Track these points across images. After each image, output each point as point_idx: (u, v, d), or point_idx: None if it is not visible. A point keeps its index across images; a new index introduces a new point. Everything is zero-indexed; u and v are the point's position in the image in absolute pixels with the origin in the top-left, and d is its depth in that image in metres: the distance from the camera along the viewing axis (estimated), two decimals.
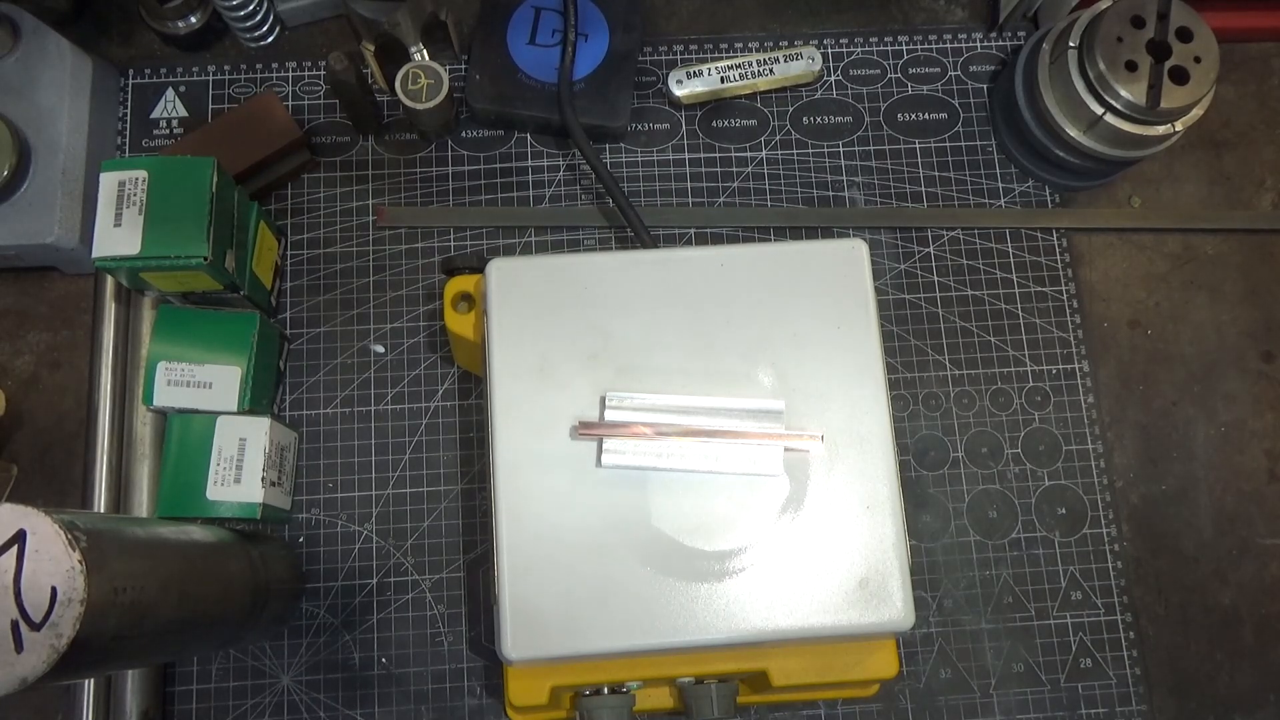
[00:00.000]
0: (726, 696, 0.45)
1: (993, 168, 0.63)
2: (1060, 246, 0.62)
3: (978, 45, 0.65)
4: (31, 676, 0.32)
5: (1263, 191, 0.64)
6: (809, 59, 0.63)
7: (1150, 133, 0.56)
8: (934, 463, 0.58)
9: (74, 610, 0.32)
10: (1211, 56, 0.55)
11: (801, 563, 0.41)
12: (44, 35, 0.56)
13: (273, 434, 0.52)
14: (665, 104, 0.63)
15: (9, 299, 0.59)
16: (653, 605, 0.40)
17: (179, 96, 0.62)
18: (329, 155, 0.62)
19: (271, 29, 0.63)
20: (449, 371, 0.58)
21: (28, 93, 0.56)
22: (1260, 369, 0.61)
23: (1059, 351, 0.60)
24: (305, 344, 0.59)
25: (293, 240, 0.60)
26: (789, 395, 0.43)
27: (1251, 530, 0.58)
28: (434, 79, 0.56)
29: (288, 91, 0.62)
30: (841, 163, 0.63)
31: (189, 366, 0.52)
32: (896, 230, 0.62)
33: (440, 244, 0.60)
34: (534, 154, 0.62)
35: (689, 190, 0.62)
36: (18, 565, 0.32)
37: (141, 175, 0.49)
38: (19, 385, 0.57)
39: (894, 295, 0.61)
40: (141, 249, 0.48)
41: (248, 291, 0.53)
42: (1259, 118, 0.65)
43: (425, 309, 0.59)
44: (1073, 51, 0.57)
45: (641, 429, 0.42)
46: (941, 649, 0.55)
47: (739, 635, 0.40)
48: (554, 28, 0.61)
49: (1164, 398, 0.60)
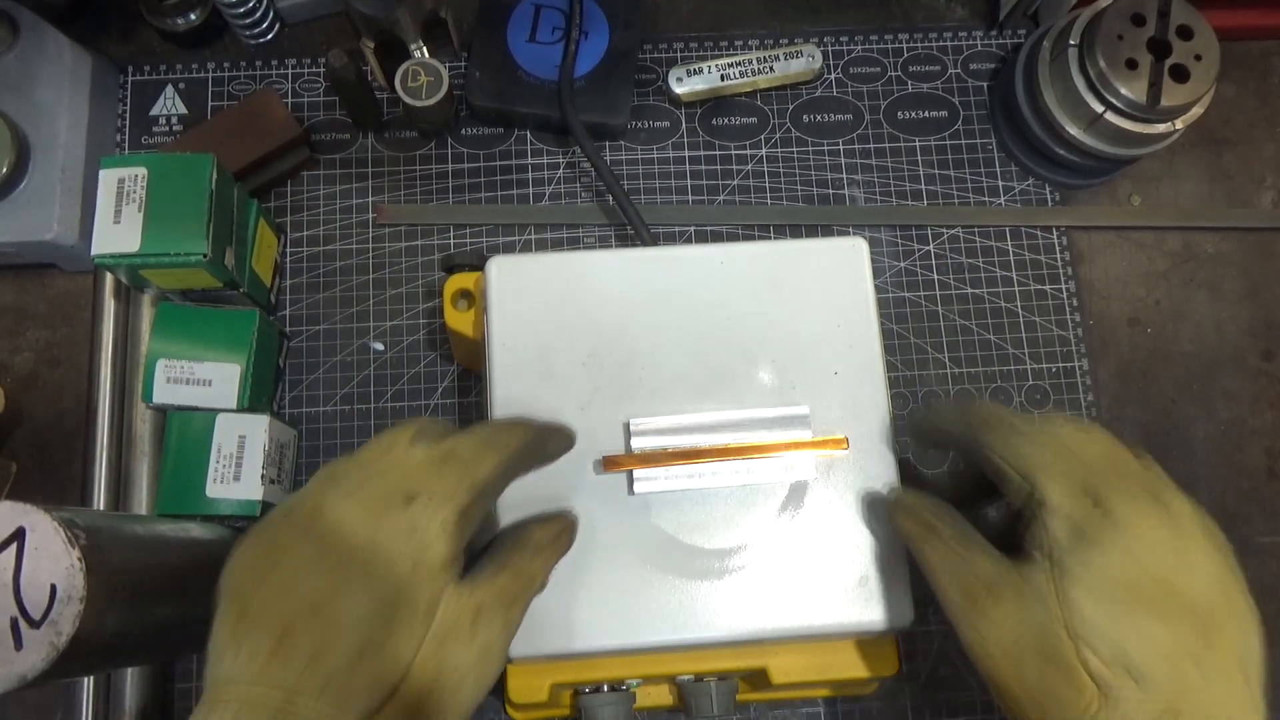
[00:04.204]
0: (726, 694, 0.45)
1: (993, 166, 0.63)
2: (1060, 245, 0.62)
3: (978, 43, 0.65)
4: (31, 674, 0.32)
5: (1263, 190, 0.64)
6: (809, 57, 0.63)
7: (1150, 131, 0.56)
8: (934, 460, 0.58)
9: (73, 608, 0.32)
10: (1212, 54, 0.55)
11: (801, 560, 0.41)
12: (43, 32, 0.56)
13: (272, 431, 0.52)
14: (665, 102, 0.63)
15: (8, 296, 0.59)
16: (652, 603, 0.40)
17: (178, 93, 0.62)
18: (328, 153, 0.61)
19: (271, 26, 0.62)
20: (449, 369, 0.58)
21: (27, 89, 0.56)
22: (1260, 367, 0.61)
23: (1059, 350, 0.60)
24: (305, 341, 0.59)
25: (292, 238, 0.60)
26: (788, 393, 0.43)
27: (1251, 529, 0.58)
28: (434, 76, 0.56)
29: (287, 89, 0.62)
30: (842, 161, 0.63)
31: (188, 364, 0.51)
32: (896, 228, 0.62)
33: (440, 241, 0.60)
34: (534, 151, 0.62)
35: (689, 188, 0.62)
36: (17, 563, 0.32)
37: (141, 172, 0.49)
38: (18, 382, 0.57)
39: (894, 293, 0.61)
40: (141, 246, 0.48)
41: (247, 289, 0.53)
42: (1259, 116, 0.65)
43: (425, 306, 0.59)
44: (1073, 49, 0.57)
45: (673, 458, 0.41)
46: (941, 647, 0.55)
47: (739, 633, 0.40)
48: (554, 25, 0.61)
49: (1164, 396, 0.60)
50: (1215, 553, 0.34)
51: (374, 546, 0.32)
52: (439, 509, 0.33)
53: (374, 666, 0.31)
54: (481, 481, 0.34)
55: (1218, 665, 0.32)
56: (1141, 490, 0.34)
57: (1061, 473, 0.35)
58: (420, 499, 0.33)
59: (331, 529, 0.33)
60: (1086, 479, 0.34)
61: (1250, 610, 0.34)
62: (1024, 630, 0.33)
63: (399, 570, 0.32)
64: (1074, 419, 0.38)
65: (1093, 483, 0.34)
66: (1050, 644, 0.33)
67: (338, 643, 0.31)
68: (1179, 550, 0.33)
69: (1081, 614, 0.32)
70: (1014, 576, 0.34)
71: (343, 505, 0.33)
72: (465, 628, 0.33)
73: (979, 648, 0.35)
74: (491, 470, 0.35)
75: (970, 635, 0.35)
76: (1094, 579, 0.33)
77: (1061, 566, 0.33)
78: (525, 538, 0.37)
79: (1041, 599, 0.33)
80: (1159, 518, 0.34)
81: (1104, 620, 0.32)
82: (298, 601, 0.31)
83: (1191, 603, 0.32)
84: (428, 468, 0.34)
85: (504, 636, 0.35)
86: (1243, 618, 0.33)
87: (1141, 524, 0.33)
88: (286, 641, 0.31)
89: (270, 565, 0.32)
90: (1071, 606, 0.32)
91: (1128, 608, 0.32)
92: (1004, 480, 0.36)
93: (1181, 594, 0.33)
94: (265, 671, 0.30)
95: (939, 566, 0.37)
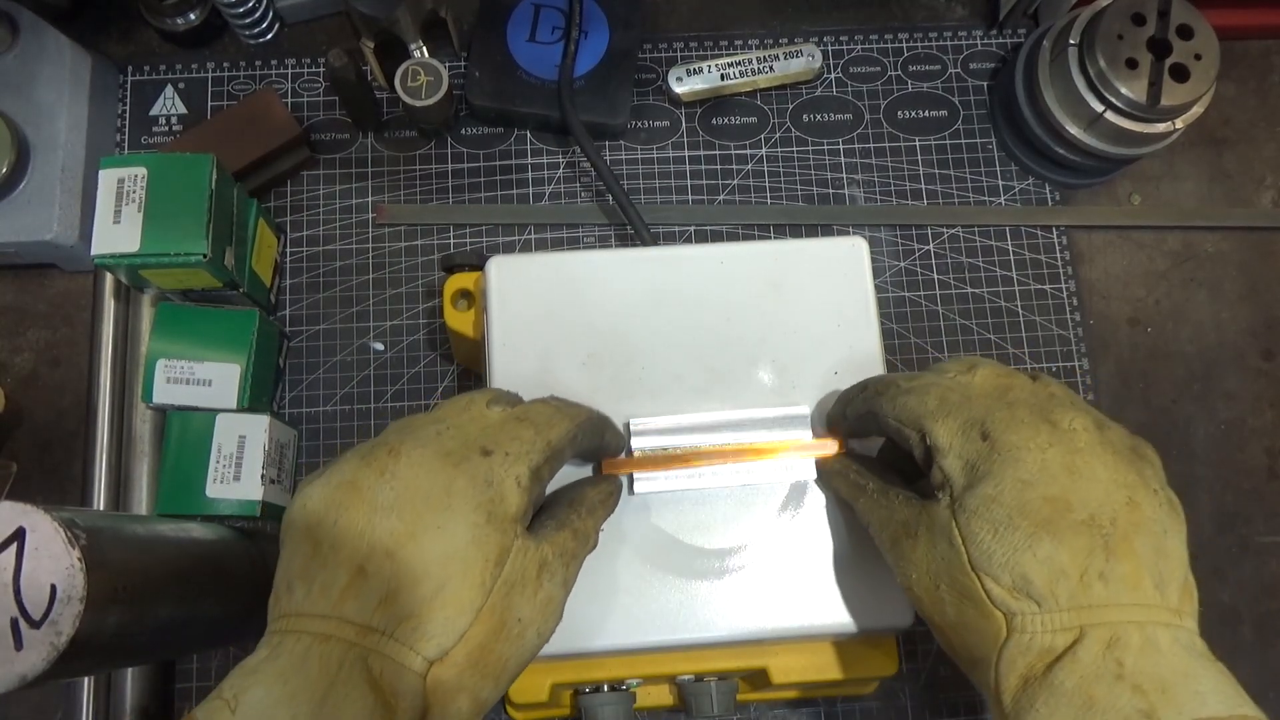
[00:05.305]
0: (726, 694, 0.45)
1: (993, 165, 0.63)
2: (1060, 244, 0.62)
3: (978, 43, 0.65)
4: (31, 674, 0.32)
5: (1263, 189, 0.64)
6: (809, 56, 0.63)
7: (1150, 130, 0.56)
8: None
9: (73, 608, 0.32)
10: (1212, 54, 0.55)
11: (801, 560, 0.41)
12: (43, 32, 0.56)
13: (272, 431, 0.52)
14: (665, 101, 0.63)
15: (8, 296, 0.59)
16: (652, 603, 0.40)
17: (178, 93, 0.62)
18: (328, 152, 0.61)
19: (271, 26, 0.62)
20: (448, 369, 0.58)
21: (27, 89, 0.56)
22: (1260, 366, 0.61)
23: (1059, 349, 0.60)
24: (305, 341, 0.59)
25: (292, 237, 0.60)
26: (788, 393, 0.43)
27: (1251, 528, 0.58)
28: (433, 76, 0.56)
29: (287, 89, 0.62)
30: (841, 160, 0.63)
31: (188, 364, 0.51)
32: (896, 228, 0.62)
33: (440, 241, 0.60)
34: (534, 151, 0.62)
35: (689, 188, 0.62)
36: (17, 563, 0.32)
37: (141, 172, 0.49)
38: (18, 383, 0.57)
39: (894, 293, 0.61)
40: (141, 246, 0.48)
41: (247, 289, 0.53)
42: (1259, 115, 0.65)
43: (425, 306, 0.59)
44: (1073, 49, 0.57)
45: (674, 459, 0.42)
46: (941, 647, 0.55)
47: (739, 633, 0.40)
48: (554, 25, 0.61)
49: (1164, 395, 0.60)
50: (1117, 461, 0.34)
51: (450, 494, 0.33)
52: (515, 464, 0.34)
53: (445, 611, 0.31)
54: (555, 442, 0.36)
55: (1123, 576, 0.32)
56: (1029, 414, 0.35)
57: (947, 414, 0.35)
58: (498, 453, 0.34)
59: (409, 474, 0.33)
60: (972, 415, 0.35)
61: (1166, 512, 0.34)
62: (937, 568, 0.34)
63: (474, 519, 0.33)
64: (962, 360, 0.38)
65: (979, 417, 0.35)
66: (958, 578, 0.33)
67: (412, 585, 0.31)
68: (1071, 466, 0.33)
69: (980, 545, 0.33)
70: (925, 517, 0.35)
71: (420, 452, 0.34)
72: (531, 579, 0.34)
73: (905, 587, 0.36)
74: (564, 433, 0.36)
75: (899, 577, 0.37)
76: (988, 510, 0.33)
77: (960, 503, 0.34)
78: (580, 498, 0.38)
79: (946, 535, 0.34)
80: (1049, 436, 0.34)
81: (1000, 548, 0.32)
82: (373, 541, 0.32)
83: (1090, 517, 0.32)
84: (505, 425, 0.36)
85: (563, 590, 0.35)
86: (1152, 522, 0.33)
87: (1029, 447, 0.33)
88: (361, 579, 0.31)
89: (346, 504, 0.33)
90: (971, 539, 0.33)
91: (1023, 532, 0.32)
92: (903, 439, 0.37)
93: (1077, 509, 0.32)
94: (339, 606, 0.31)
95: (869, 517, 0.38)
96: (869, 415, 0.38)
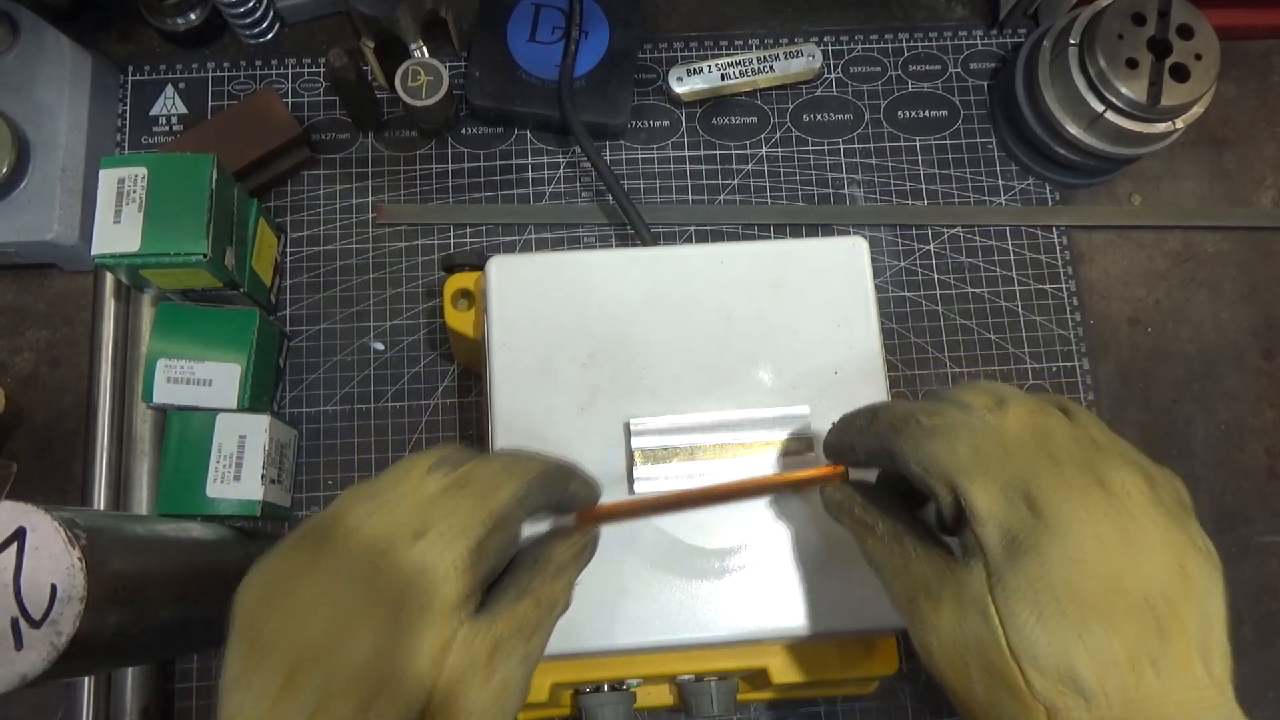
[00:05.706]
0: (726, 694, 0.45)
1: (993, 165, 0.63)
2: (1060, 244, 0.62)
3: (978, 42, 0.65)
4: (31, 674, 0.32)
5: (1263, 189, 0.64)
6: (809, 56, 0.63)
7: (1151, 130, 0.56)
8: None
9: (74, 608, 0.32)
10: (1212, 54, 0.55)
11: (801, 560, 0.41)
12: (43, 32, 0.56)
13: (272, 431, 0.52)
14: (665, 101, 0.63)
15: (8, 296, 0.59)
16: (653, 603, 0.40)
17: (178, 93, 0.62)
18: (328, 152, 0.61)
19: (271, 26, 0.62)
20: (449, 369, 0.58)
21: (27, 89, 0.56)
22: (1260, 366, 0.61)
23: (1059, 349, 0.60)
24: (305, 341, 0.59)
25: (292, 237, 0.60)
26: (789, 393, 0.43)
27: (1251, 528, 0.58)
28: (434, 76, 0.56)
29: (287, 88, 0.62)
30: (842, 160, 0.63)
31: (189, 364, 0.51)
32: (897, 228, 0.62)
33: (440, 241, 0.60)
34: (534, 151, 0.62)
35: (689, 188, 0.62)
36: (17, 563, 0.32)
37: (141, 172, 0.49)
38: (19, 382, 0.57)
39: (894, 293, 0.61)
40: (141, 246, 0.48)
41: (247, 289, 0.53)
42: (1260, 115, 0.65)
43: (425, 306, 0.59)
44: (1073, 49, 0.57)
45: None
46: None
47: (739, 633, 0.40)
48: (554, 25, 0.61)
49: (1164, 395, 0.60)
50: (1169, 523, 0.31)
51: (381, 586, 0.30)
52: (450, 545, 0.31)
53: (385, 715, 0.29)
54: (498, 510, 0.32)
55: (1175, 660, 0.29)
56: (1078, 474, 0.31)
57: (985, 472, 0.31)
58: (431, 534, 0.31)
59: (333, 567, 0.31)
60: (1013, 475, 0.31)
61: (1208, 570, 0.31)
62: (967, 644, 0.31)
63: (407, 612, 0.30)
64: (984, 389, 0.35)
65: (1022, 478, 0.31)
66: (993, 660, 0.30)
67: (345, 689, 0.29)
68: (1127, 537, 0.30)
69: (1021, 631, 0.29)
70: (953, 581, 0.32)
71: (351, 539, 0.31)
72: (481, 667, 0.31)
73: (924, 651, 0.33)
74: (510, 497, 0.33)
75: (916, 638, 0.33)
76: (1033, 591, 0.29)
77: (999, 577, 0.30)
78: (546, 558, 0.34)
79: (980, 610, 0.30)
80: (1102, 507, 0.30)
81: (1046, 637, 0.29)
82: (306, 640, 0.30)
83: (1145, 597, 0.29)
84: (441, 498, 0.32)
85: (524, 668, 0.32)
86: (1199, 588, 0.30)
87: (1082, 519, 0.30)
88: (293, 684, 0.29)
89: (279, 595, 0.31)
90: (1010, 621, 0.30)
91: (1072, 619, 0.29)
92: (928, 489, 0.33)
93: (1132, 591, 0.29)
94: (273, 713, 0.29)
95: (877, 562, 0.35)
96: (884, 454, 0.34)
